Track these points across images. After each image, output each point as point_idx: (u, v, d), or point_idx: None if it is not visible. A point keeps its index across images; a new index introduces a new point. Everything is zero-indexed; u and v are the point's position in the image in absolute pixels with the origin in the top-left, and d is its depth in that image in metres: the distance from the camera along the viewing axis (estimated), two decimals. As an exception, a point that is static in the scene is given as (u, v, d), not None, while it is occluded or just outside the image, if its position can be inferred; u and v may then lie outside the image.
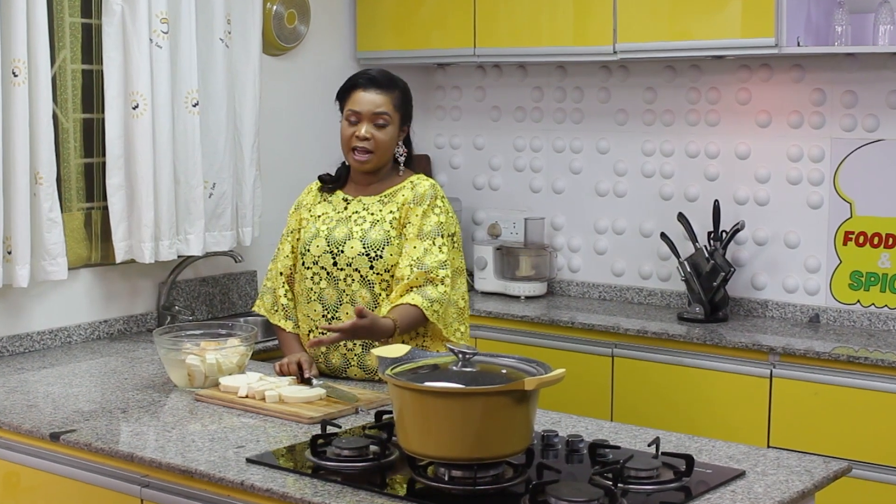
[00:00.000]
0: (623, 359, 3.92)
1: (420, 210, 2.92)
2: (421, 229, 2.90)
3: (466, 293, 3.00)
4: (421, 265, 2.85)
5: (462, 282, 2.99)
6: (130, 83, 3.60)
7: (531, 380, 2.11)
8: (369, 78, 2.96)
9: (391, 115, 2.94)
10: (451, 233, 2.94)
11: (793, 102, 4.04)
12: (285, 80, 4.36)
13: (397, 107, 2.96)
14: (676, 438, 2.52)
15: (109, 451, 2.48)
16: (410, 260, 2.87)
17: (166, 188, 3.69)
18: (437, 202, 2.93)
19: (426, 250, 2.87)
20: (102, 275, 3.77)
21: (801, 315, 4.05)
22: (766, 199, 4.12)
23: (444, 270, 2.87)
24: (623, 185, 4.46)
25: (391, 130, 2.94)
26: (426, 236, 2.89)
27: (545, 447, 2.41)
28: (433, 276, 2.85)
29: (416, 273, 2.85)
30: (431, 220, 2.91)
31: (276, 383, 2.82)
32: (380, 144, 2.93)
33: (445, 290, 2.86)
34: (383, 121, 2.93)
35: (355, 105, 2.94)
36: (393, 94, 2.96)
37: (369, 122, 2.93)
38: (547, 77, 4.62)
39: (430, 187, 2.95)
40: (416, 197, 2.93)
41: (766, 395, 3.63)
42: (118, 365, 3.31)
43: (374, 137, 2.92)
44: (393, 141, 2.96)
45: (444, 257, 2.88)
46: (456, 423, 2.12)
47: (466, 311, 3.00)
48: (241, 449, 2.43)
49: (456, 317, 2.95)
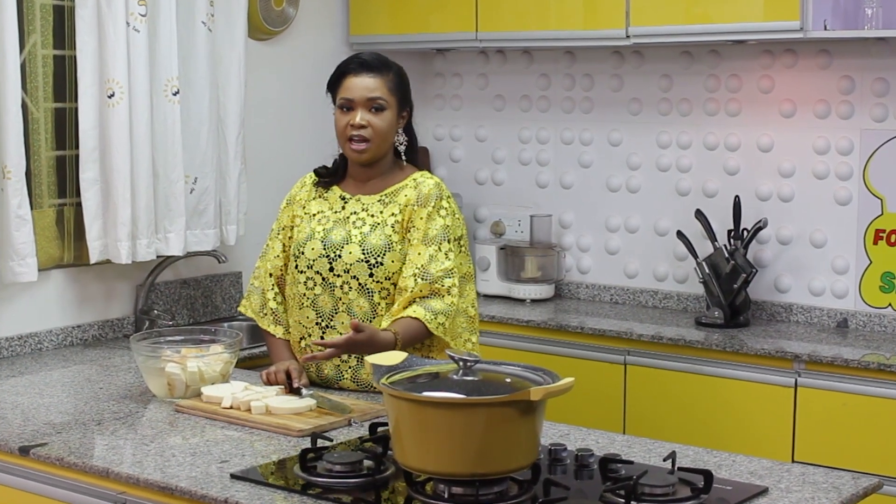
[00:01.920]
0: (636, 367, 3.92)
1: (425, 212, 2.91)
2: (426, 234, 2.89)
3: (476, 301, 3.00)
4: (425, 275, 2.85)
5: (471, 288, 2.98)
6: (106, 70, 3.60)
7: (537, 389, 2.11)
8: (360, 62, 2.96)
9: (387, 99, 2.93)
10: (457, 236, 2.94)
11: (819, 91, 4.04)
12: (273, 67, 4.36)
13: (392, 90, 2.95)
14: (694, 452, 2.52)
15: (83, 466, 2.48)
16: (414, 269, 2.86)
17: (144, 183, 3.69)
18: (442, 203, 2.93)
19: (431, 257, 2.87)
20: (75, 276, 3.77)
21: (828, 320, 4.05)
22: (790, 194, 4.12)
23: (450, 279, 2.87)
24: (636, 180, 4.46)
25: (389, 116, 2.94)
26: (431, 241, 2.88)
27: (552, 462, 2.41)
28: (438, 286, 2.85)
29: (419, 284, 2.84)
30: (437, 223, 2.90)
31: (262, 393, 2.82)
32: (377, 131, 2.92)
33: (452, 300, 2.86)
34: (379, 105, 2.92)
35: (347, 92, 2.93)
36: (387, 77, 2.95)
37: (364, 108, 2.92)
38: (554, 63, 4.62)
39: (434, 186, 2.95)
40: (421, 198, 2.93)
41: (791, 406, 3.63)
42: (92, 373, 3.31)
43: (370, 124, 2.92)
44: (391, 127, 2.95)
45: (450, 265, 2.87)
46: (456, 437, 2.12)
47: (476, 319, 3.00)
48: (224, 464, 2.43)
49: (466, 327, 2.95)
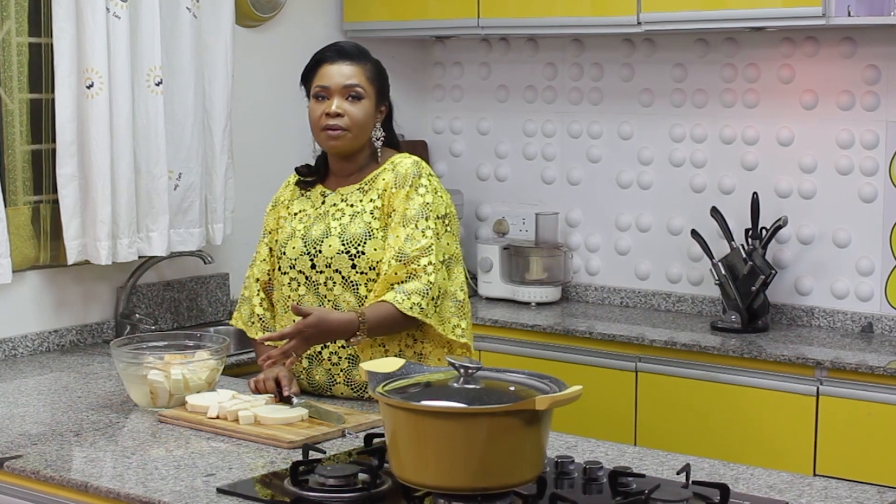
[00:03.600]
0: (648, 374, 3.92)
1: (402, 193, 2.92)
2: (404, 214, 2.90)
3: (465, 284, 2.99)
4: (400, 256, 2.85)
5: (460, 270, 2.98)
6: (84, 59, 3.60)
7: (543, 398, 2.11)
8: (337, 49, 2.99)
9: (364, 87, 2.95)
10: (440, 214, 2.93)
11: (843, 81, 4.04)
12: (262, 56, 4.36)
13: (371, 79, 2.97)
14: (709, 465, 2.52)
15: (60, 479, 2.48)
16: (392, 252, 2.87)
17: (125, 179, 3.69)
18: (420, 181, 2.93)
19: (408, 237, 2.87)
20: (52, 278, 3.77)
21: (851, 324, 4.05)
22: (811, 191, 4.12)
23: (427, 257, 2.86)
24: (648, 176, 4.46)
25: (366, 105, 2.95)
26: (409, 221, 2.89)
27: (559, 475, 2.40)
28: (414, 266, 2.85)
29: (393, 266, 2.85)
30: (415, 201, 2.91)
31: (251, 402, 2.82)
32: (354, 121, 2.94)
33: (429, 279, 2.85)
34: (356, 93, 2.94)
35: (323, 80, 2.96)
36: (365, 66, 2.98)
37: (340, 96, 2.94)
38: (561, 52, 4.62)
39: (412, 165, 2.96)
40: (398, 178, 2.94)
41: (812, 416, 3.63)
42: (70, 381, 3.31)
43: (347, 113, 2.93)
44: (369, 118, 2.96)
45: (426, 242, 2.87)
46: (457, 449, 2.11)
47: (467, 304, 2.99)
48: (210, 477, 2.43)
49: (455, 311, 2.95)
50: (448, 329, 2.92)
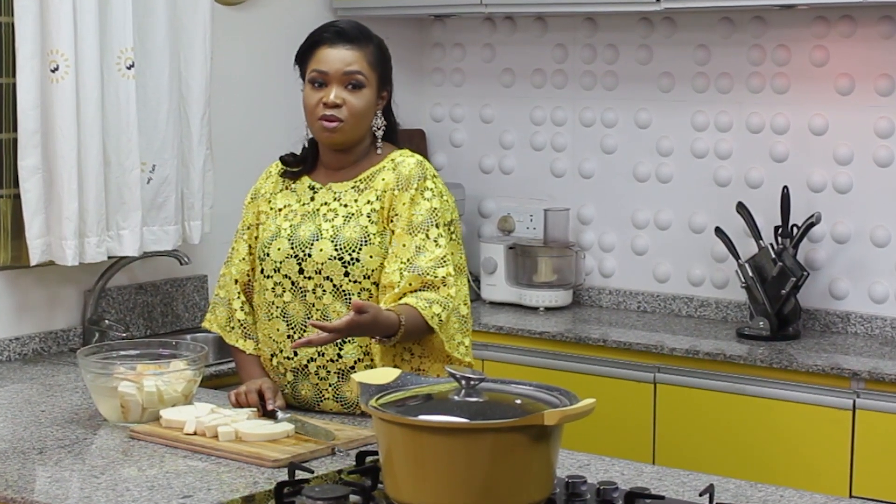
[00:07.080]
0: (668, 386, 3.93)
1: (407, 196, 2.92)
2: (410, 221, 2.90)
3: (468, 297, 3.00)
4: (413, 268, 2.85)
5: (464, 282, 2.98)
6: (49, 39, 3.60)
7: (552, 412, 2.12)
8: (337, 31, 2.96)
9: (366, 74, 2.94)
10: (447, 221, 2.94)
11: (881, 63, 4.05)
12: (243, 37, 4.37)
13: (373, 64, 2.96)
14: (735, 486, 2.52)
15: (22, 501, 2.48)
16: (400, 263, 2.86)
17: (94, 172, 3.69)
18: (426, 184, 2.93)
19: (418, 248, 2.87)
20: (13, 280, 3.77)
21: (891, 331, 4.06)
22: (847, 185, 4.13)
23: (443, 269, 2.86)
24: (668, 168, 4.46)
25: (367, 94, 2.95)
26: (417, 229, 2.89)
27: (570, 497, 2.41)
28: (431, 278, 2.84)
29: (408, 277, 2.84)
30: (422, 207, 2.91)
31: (231, 417, 2.83)
32: (353, 112, 2.93)
33: (448, 293, 2.85)
34: (357, 81, 2.93)
35: (321, 64, 2.94)
36: (367, 50, 2.96)
37: (339, 83, 2.93)
38: (572, 32, 4.62)
39: (416, 165, 2.95)
40: (401, 180, 2.93)
41: (849, 432, 3.63)
42: (33, 394, 3.32)
43: (346, 103, 2.92)
44: (370, 108, 2.96)
45: (441, 252, 2.88)
46: (458, 468, 2.12)
47: (470, 319, 2.99)
48: (187, 499, 2.44)
49: (458, 328, 2.94)
50: (452, 347, 2.92)
